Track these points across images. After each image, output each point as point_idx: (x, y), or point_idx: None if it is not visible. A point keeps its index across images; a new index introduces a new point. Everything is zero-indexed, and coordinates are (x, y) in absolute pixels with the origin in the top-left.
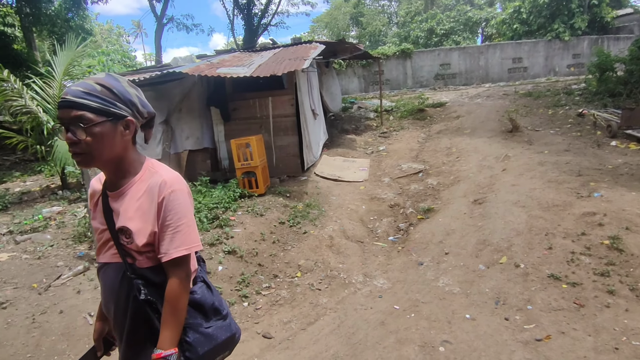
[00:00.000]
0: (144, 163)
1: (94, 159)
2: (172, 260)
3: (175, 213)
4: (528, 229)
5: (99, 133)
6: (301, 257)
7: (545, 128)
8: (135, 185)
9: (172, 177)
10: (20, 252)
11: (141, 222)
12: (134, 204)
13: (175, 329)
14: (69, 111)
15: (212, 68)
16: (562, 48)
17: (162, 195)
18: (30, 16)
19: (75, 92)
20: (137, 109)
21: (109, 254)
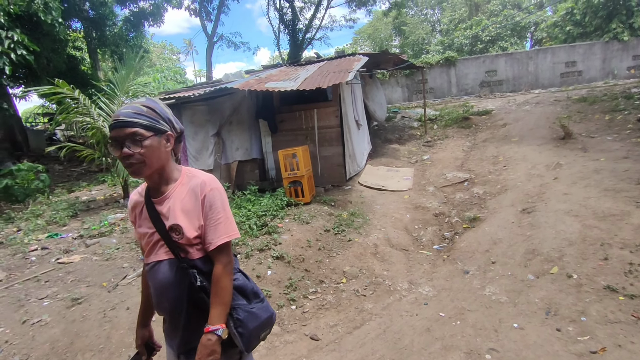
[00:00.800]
0: (181, 170)
1: (146, 168)
2: (217, 248)
3: (215, 207)
4: (581, 239)
5: (150, 145)
6: (346, 264)
7: (602, 134)
8: (178, 189)
9: (209, 178)
10: (90, 254)
11: (189, 218)
12: (179, 204)
13: (222, 307)
14: (124, 130)
15: (260, 83)
16: (621, 49)
17: (204, 193)
18: (95, 39)
19: (127, 113)
20: (173, 125)
21: (160, 253)
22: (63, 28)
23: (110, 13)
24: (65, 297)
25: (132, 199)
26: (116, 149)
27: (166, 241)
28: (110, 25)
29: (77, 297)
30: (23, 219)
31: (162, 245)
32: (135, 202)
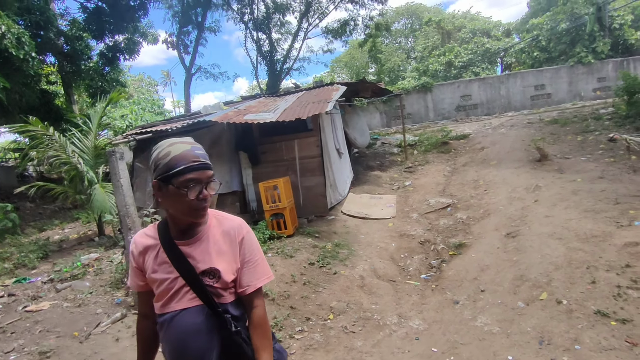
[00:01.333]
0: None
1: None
2: (256, 290)
3: (252, 250)
4: (567, 263)
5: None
6: (333, 299)
7: (576, 155)
8: (210, 231)
9: (242, 220)
10: (61, 300)
11: (226, 261)
12: (213, 247)
13: (270, 349)
14: (206, 172)
15: (239, 115)
16: (585, 72)
17: (242, 236)
18: (70, 73)
19: (204, 155)
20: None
21: (185, 300)
22: (36, 63)
23: (86, 47)
24: (33, 350)
25: (140, 242)
26: (194, 191)
27: (195, 286)
28: (86, 59)
29: (45, 351)
30: None
31: (187, 291)
32: (145, 245)
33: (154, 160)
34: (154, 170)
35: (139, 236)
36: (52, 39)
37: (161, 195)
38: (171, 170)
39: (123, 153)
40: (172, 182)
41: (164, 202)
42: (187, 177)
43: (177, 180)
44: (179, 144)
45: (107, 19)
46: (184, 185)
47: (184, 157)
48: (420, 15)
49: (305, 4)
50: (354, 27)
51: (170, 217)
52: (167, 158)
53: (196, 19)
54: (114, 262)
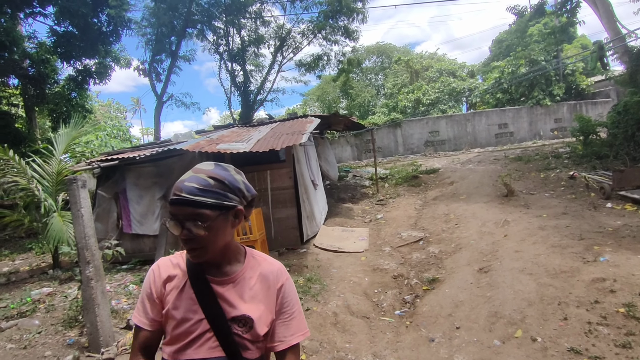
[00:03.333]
0: (243, 249)
1: (208, 253)
2: (290, 347)
3: (290, 300)
4: (539, 299)
5: (215, 227)
6: (305, 338)
7: (540, 191)
8: (247, 273)
9: (282, 265)
10: (4, 341)
11: (261, 310)
12: (248, 291)
13: None
14: (185, 208)
15: (212, 144)
16: (544, 113)
17: (281, 283)
18: (34, 97)
19: (191, 189)
20: (244, 195)
21: (205, 348)
22: None
23: (52, 71)
24: None
25: (165, 269)
26: (175, 227)
27: (221, 334)
28: (52, 84)
29: None
30: None
31: (210, 338)
32: (169, 275)
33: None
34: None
35: (164, 263)
36: (16, 60)
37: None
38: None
39: (86, 181)
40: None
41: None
42: (170, 211)
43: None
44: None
45: (77, 43)
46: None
47: (174, 187)
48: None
49: (280, 38)
50: (327, 61)
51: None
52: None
53: (170, 48)
54: (68, 298)
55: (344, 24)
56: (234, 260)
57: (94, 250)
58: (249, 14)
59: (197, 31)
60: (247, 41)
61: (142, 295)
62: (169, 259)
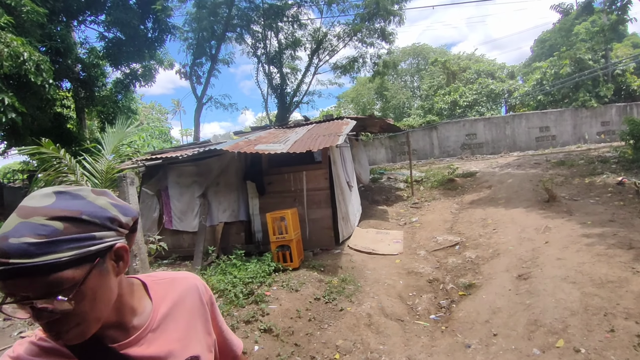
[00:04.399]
0: (142, 281)
1: (91, 327)
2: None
3: (218, 310)
4: (584, 309)
5: (88, 290)
6: (339, 337)
7: (584, 197)
8: (161, 308)
9: (193, 275)
10: None
11: (200, 338)
12: (177, 328)
13: None
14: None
15: (250, 145)
16: (589, 116)
17: (208, 294)
18: (84, 99)
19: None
20: (120, 223)
21: None
22: (53, 88)
23: (101, 74)
24: None
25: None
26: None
27: None
28: (100, 86)
29: None
30: None
31: None
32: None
33: None
34: None
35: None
36: (69, 65)
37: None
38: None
39: (134, 178)
40: None
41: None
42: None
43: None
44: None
45: (125, 48)
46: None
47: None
48: (425, 56)
49: (316, 41)
50: (362, 64)
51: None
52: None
53: (210, 51)
54: None
55: (381, 26)
56: (138, 304)
57: (141, 244)
58: (286, 18)
59: (236, 35)
60: (284, 44)
61: None
62: (33, 343)
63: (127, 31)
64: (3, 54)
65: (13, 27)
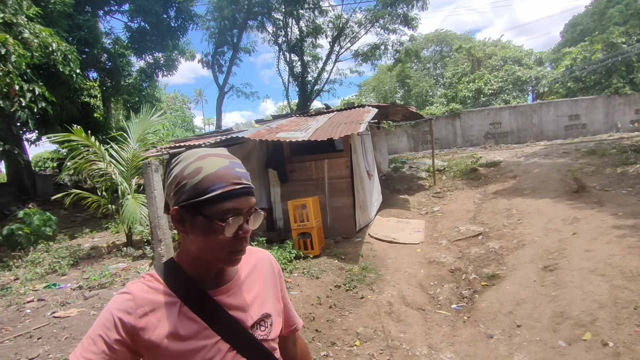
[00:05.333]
0: None
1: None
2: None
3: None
4: (612, 301)
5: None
6: (359, 324)
7: (616, 188)
8: (243, 269)
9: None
10: (88, 308)
11: (272, 301)
12: (255, 288)
13: None
14: (249, 199)
15: (271, 132)
16: (623, 103)
17: (277, 267)
18: (110, 88)
19: (245, 173)
20: None
21: None
22: (80, 78)
23: (127, 64)
24: (58, 357)
25: (143, 299)
26: (233, 225)
27: (247, 348)
28: (125, 76)
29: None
30: (22, 266)
31: (233, 358)
32: (155, 303)
33: (176, 177)
34: (175, 192)
35: (139, 290)
36: (96, 55)
37: (183, 228)
38: (203, 194)
39: (158, 165)
40: (202, 211)
41: (186, 238)
42: (225, 207)
43: (211, 210)
44: (213, 157)
45: (149, 38)
46: (220, 217)
47: (221, 178)
48: (449, 42)
49: (337, 28)
50: (384, 51)
51: (193, 259)
52: (198, 177)
53: (232, 40)
54: (141, 273)
55: (403, 12)
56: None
57: (165, 230)
58: (307, 4)
59: (257, 23)
60: (305, 32)
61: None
62: (144, 285)
63: (150, 19)
64: (33, 44)
65: (41, 18)
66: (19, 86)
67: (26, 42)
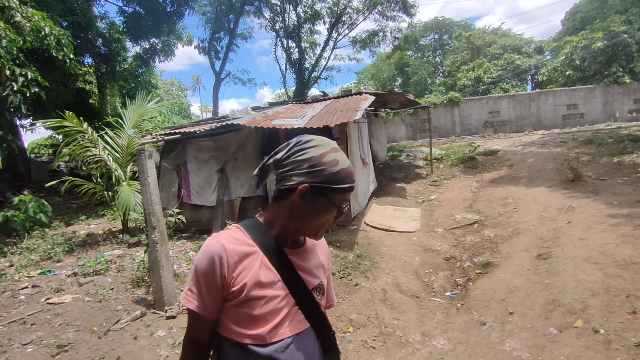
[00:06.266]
0: None
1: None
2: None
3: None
4: (605, 289)
5: None
6: (353, 311)
7: (612, 177)
8: (309, 241)
9: None
10: (83, 295)
11: (324, 275)
12: (315, 258)
13: None
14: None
15: (267, 120)
16: (622, 93)
17: (328, 250)
18: (105, 74)
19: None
20: None
21: (294, 324)
22: (74, 64)
23: (122, 49)
24: (51, 343)
25: (234, 249)
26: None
27: (307, 306)
28: (121, 61)
29: (63, 344)
30: (16, 253)
31: (296, 312)
32: (243, 253)
33: (312, 159)
34: (308, 172)
35: (229, 241)
36: (91, 40)
37: (302, 202)
38: (336, 183)
39: (152, 152)
40: (328, 195)
41: (296, 211)
42: (346, 197)
43: (336, 197)
44: (341, 153)
45: (144, 23)
46: (339, 203)
47: (349, 174)
48: (448, 30)
49: (335, 14)
50: (382, 38)
51: (283, 225)
52: (335, 168)
53: (228, 26)
54: (136, 260)
55: None
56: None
57: (159, 217)
58: None
59: (254, 8)
60: (303, 18)
61: (199, 279)
62: (231, 235)
63: (146, 4)
64: (25, 28)
65: (34, 1)
66: (10, 70)
67: (18, 26)
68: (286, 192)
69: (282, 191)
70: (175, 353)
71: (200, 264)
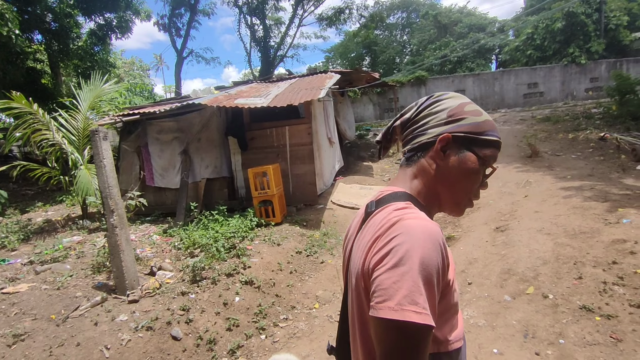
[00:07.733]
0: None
1: None
2: None
3: None
4: (555, 258)
5: None
6: (319, 288)
7: (566, 153)
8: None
9: None
10: (40, 283)
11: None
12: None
13: None
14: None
15: (230, 99)
16: (579, 72)
17: None
18: (58, 52)
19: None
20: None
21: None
22: (21, 40)
23: (75, 25)
24: (6, 333)
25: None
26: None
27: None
28: (74, 38)
29: (19, 333)
30: None
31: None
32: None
33: (452, 108)
34: (449, 121)
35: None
36: (39, 15)
37: (443, 159)
38: (484, 135)
39: (107, 133)
40: (474, 149)
41: (438, 172)
42: (495, 154)
43: (483, 152)
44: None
45: None
46: (488, 161)
47: (496, 128)
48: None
49: None
50: (349, 15)
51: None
52: (481, 118)
53: (189, 1)
54: (96, 246)
55: None
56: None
57: (117, 200)
58: None
59: None
60: None
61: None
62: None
63: None
64: None
65: None
66: None
67: None
68: (421, 150)
69: (416, 150)
70: (138, 337)
71: (428, 258)
